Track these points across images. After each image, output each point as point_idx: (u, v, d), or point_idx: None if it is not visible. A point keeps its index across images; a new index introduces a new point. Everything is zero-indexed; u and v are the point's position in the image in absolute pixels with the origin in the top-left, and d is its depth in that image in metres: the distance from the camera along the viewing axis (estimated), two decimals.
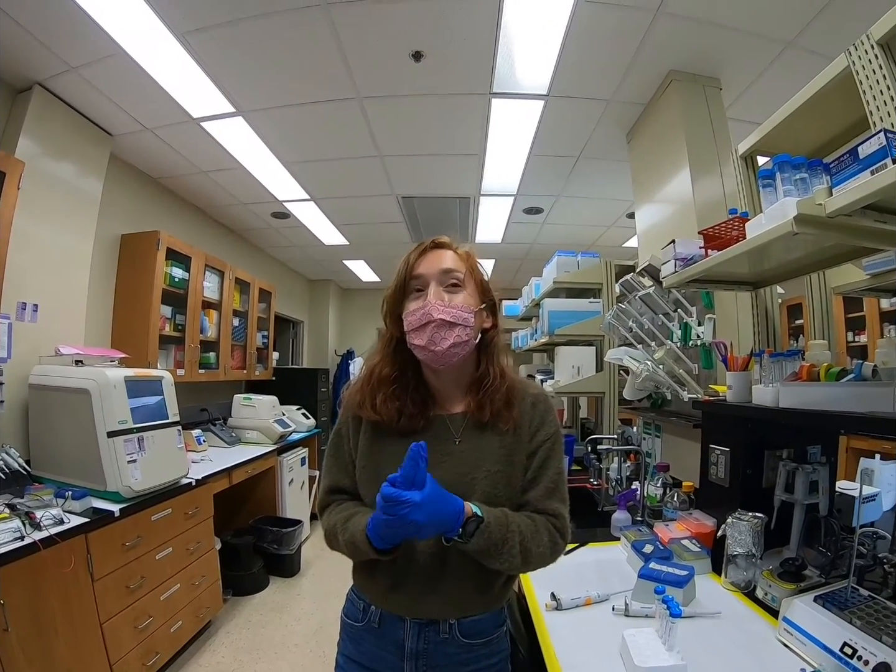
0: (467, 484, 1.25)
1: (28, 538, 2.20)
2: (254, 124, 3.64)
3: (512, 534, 1.18)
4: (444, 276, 1.28)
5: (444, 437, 1.31)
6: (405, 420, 1.29)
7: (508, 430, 1.31)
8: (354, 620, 1.35)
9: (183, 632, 3.26)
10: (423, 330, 1.23)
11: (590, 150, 4.04)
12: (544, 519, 1.28)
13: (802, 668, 1.30)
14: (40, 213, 3.16)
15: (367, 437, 1.34)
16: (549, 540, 1.26)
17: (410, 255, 1.32)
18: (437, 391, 1.37)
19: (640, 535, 2.14)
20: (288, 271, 8.12)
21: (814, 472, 1.82)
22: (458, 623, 1.26)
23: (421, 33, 2.73)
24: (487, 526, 1.15)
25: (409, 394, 1.32)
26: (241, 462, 4.28)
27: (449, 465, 1.27)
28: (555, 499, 1.31)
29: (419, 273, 1.29)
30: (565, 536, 1.31)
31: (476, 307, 1.30)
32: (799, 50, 2.76)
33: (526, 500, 1.31)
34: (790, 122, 1.91)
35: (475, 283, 1.34)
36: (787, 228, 1.31)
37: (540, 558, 1.25)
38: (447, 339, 1.23)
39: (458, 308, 1.25)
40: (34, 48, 2.76)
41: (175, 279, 4.36)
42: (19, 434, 3.05)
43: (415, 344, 1.26)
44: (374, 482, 1.23)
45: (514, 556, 1.18)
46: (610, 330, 2.99)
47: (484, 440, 1.30)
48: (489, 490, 1.25)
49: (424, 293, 1.27)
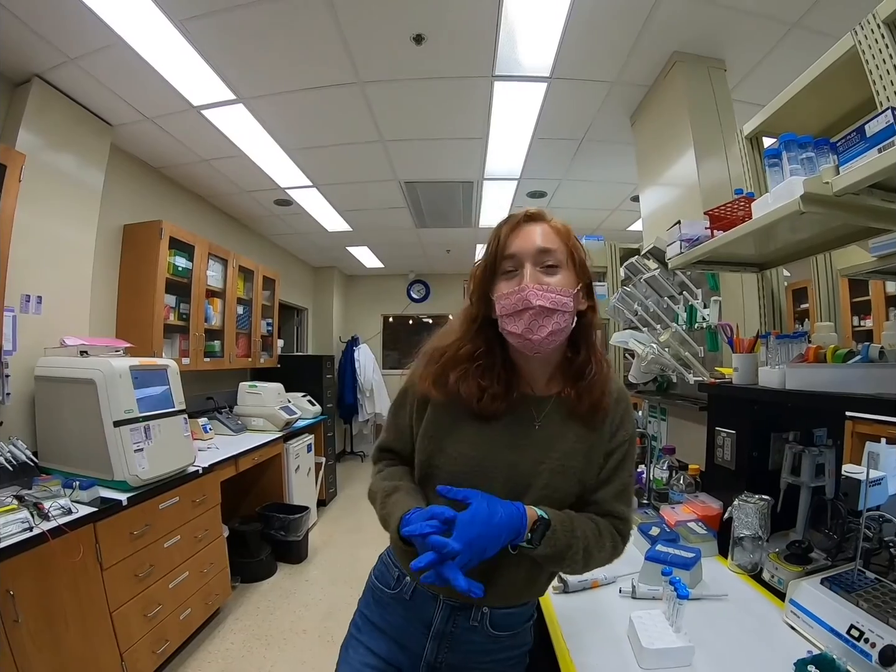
0: (537, 473, 1.21)
1: (37, 529, 2.20)
2: (255, 111, 3.62)
3: (577, 539, 1.15)
4: (541, 255, 1.18)
5: (526, 419, 1.25)
6: (488, 399, 1.21)
7: (594, 423, 1.25)
8: (385, 586, 1.35)
9: (192, 619, 3.29)
10: (518, 316, 1.15)
11: (593, 132, 4.00)
12: (608, 522, 1.24)
13: (809, 650, 1.31)
14: (42, 205, 3.16)
15: (439, 410, 1.27)
16: (611, 545, 1.22)
17: (501, 230, 1.23)
18: (524, 372, 1.29)
19: (646, 518, 2.15)
20: (291, 258, 8.12)
21: (820, 454, 1.82)
22: (491, 613, 1.25)
23: (422, 16, 2.70)
24: (554, 532, 1.12)
25: (497, 372, 1.24)
26: (247, 449, 4.29)
27: (524, 448, 1.22)
28: (623, 501, 1.28)
29: (513, 252, 1.19)
30: (626, 539, 1.28)
31: (574, 289, 1.20)
32: (804, 30, 2.73)
33: (594, 500, 1.26)
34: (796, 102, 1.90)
35: (573, 261, 1.23)
36: (794, 207, 1.30)
37: (599, 562, 1.23)
38: (545, 327, 1.14)
39: (557, 292, 1.15)
40: (32, 40, 2.74)
41: (178, 268, 4.35)
42: (26, 426, 3.07)
43: (509, 331, 1.18)
44: (435, 455, 1.25)
45: (577, 560, 1.16)
46: (615, 313, 2.98)
47: (564, 429, 1.25)
48: (556, 482, 1.21)
49: (518, 274, 1.18)
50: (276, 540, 4.63)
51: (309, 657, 3.34)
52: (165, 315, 4.22)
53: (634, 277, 2.78)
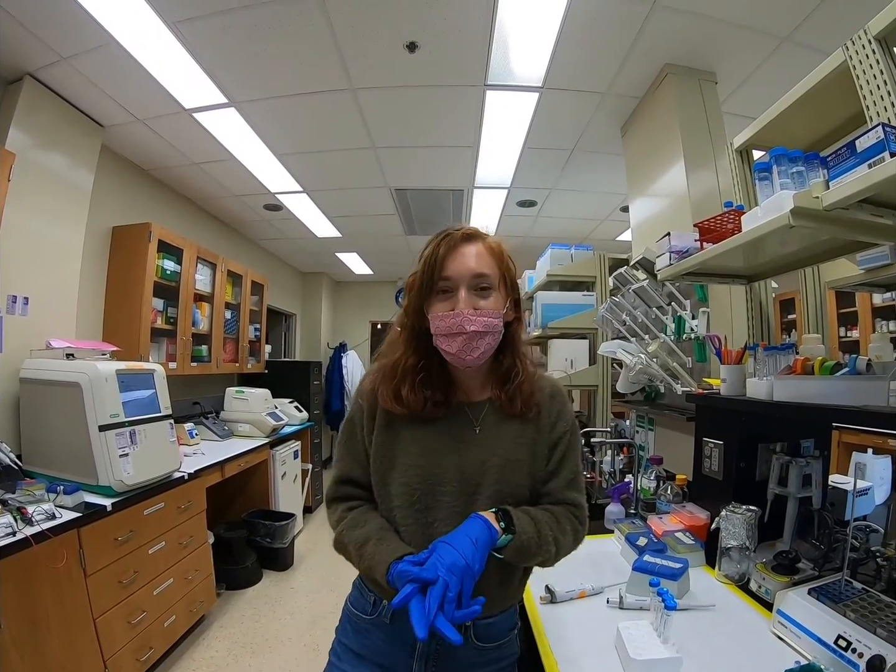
0: (484, 472, 1.25)
1: (20, 534, 2.18)
2: (246, 115, 3.61)
3: (540, 524, 1.21)
4: (476, 279, 1.23)
5: (464, 424, 1.31)
6: (430, 407, 1.28)
7: (530, 419, 1.32)
8: (362, 612, 1.33)
9: (176, 626, 3.26)
10: (453, 339, 1.21)
11: (584, 143, 4.03)
12: (563, 509, 1.31)
13: (797, 660, 1.31)
14: (31, 205, 3.13)
15: (384, 426, 1.31)
16: (571, 529, 1.29)
17: (439, 249, 1.25)
18: (458, 380, 1.35)
19: (633, 528, 2.15)
20: (280, 264, 8.10)
21: (807, 465, 1.84)
22: (474, 625, 1.26)
23: (416, 24, 2.71)
24: (518, 517, 1.18)
25: (435, 382, 1.30)
26: (233, 455, 4.26)
27: (468, 452, 1.27)
28: (574, 489, 1.35)
29: (448, 275, 1.23)
30: (584, 524, 1.34)
31: (504, 307, 1.27)
32: (795, 45, 2.76)
33: (546, 491, 1.32)
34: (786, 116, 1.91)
35: (504, 281, 1.30)
36: (784, 221, 1.31)
37: (566, 548, 1.28)
38: (478, 349, 1.22)
39: (489, 315, 1.22)
40: (24, 38, 2.73)
41: (167, 271, 4.33)
42: (10, 428, 3.04)
43: (444, 349, 1.24)
44: (389, 471, 1.28)
45: (549, 543, 1.21)
46: (603, 323, 2.99)
47: (503, 428, 1.31)
48: (504, 476, 1.26)
49: (453, 296, 1.23)
50: (261, 547, 4.60)
51: (294, 666, 3.32)
52: (153, 318, 4.19)
53: (623, 288, 2.79)
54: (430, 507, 1.24)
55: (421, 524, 1.23)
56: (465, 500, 1.23)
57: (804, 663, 1.26)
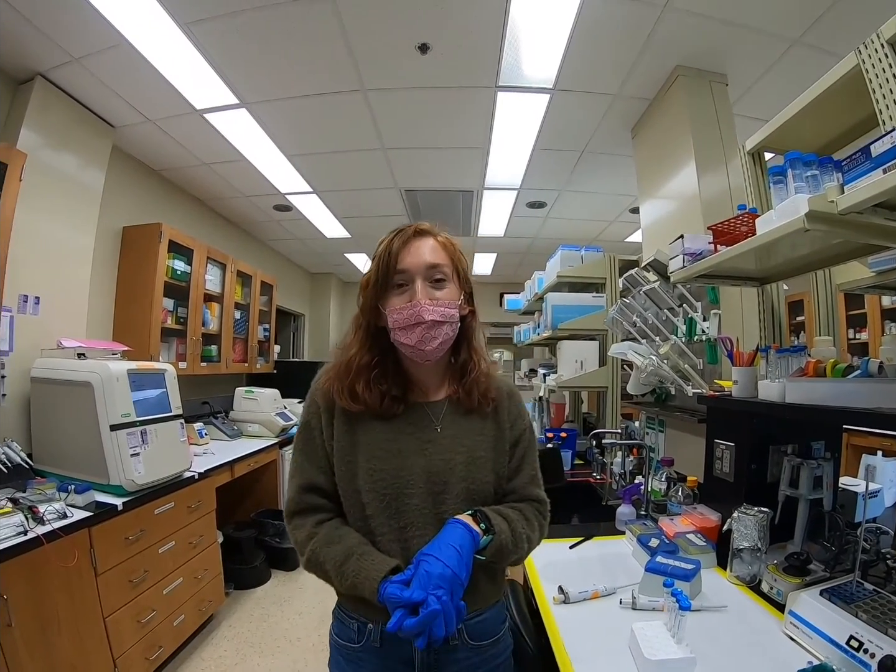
0: (450, 470, 1.26)
1: (31, 532, 2.19)
2: (257, 116, 3.62)
3: (512, 521, 1.25)
4: (430, 271, 1.26)
5: (425, 423, 1.31)
6: (388, 403, 1.28)
7: (489, 416, 1.35)
8: (350, 642, 1.29)
9: (185, 625, 3.27)
10: (411, 330, 1.22)
11: (594, 144, 4.02)
12: (529, 506, 1.35)
13: (809, 660, 1.31)
14: (42, 205, 3.15)
15: (343, 429, 1.29)
16: (538, 525, 1.34)
17: (393, 244, 1.27)
18: (416, 379, 1.36)
19: (645, 530, 2.14)
20: (289, 264, 8.12)
21: (818, 467, 1.83)
22: (466, 626, 1.25)
23: (427, 25, 2.71)
24: (494, 515, 1.22)
25: (391, 378, 1.30)
26: (243, 455, 4.29)
27: (431, 451, 1.27)
28: (536, 485, 1.39)
29: (404, 267, 1.25)
30: (548, 518, 1.40)
31: (459, 299, 1.30)
32: (805, 47, 2.76)
33: (511, 488, 1.35)
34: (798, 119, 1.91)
35: (457, 274, 1.33)
36: (799, 225, 1.30)
37: (535, 542, 1.33)
38: (437, 339, 1.24)
39: (446, 306, 1.25)
40: (36, 39, 2.75)
41: (177, 272, 4.35)
42: (21, 428, 3.05)
43: (402, 342, 1.25)
44: (354, 477, 1.26)
45: (522, 539, 1.25)
46: (613, 324, 2.98)
47: (465, 426, 1.33)
48: (471, 472, 1.27)
49: (409, 289, 1.25)
50: (270, 546, 4.62)
51: (303, 665, 3.32)
52: (163, 318, 4.22)
53: (634, 289, 2.78)
54: (401, 512, 1.23)
55: (395, 530, 1.23)
56: (433, 499, 1.24)
57: (816, 664, 1.26)
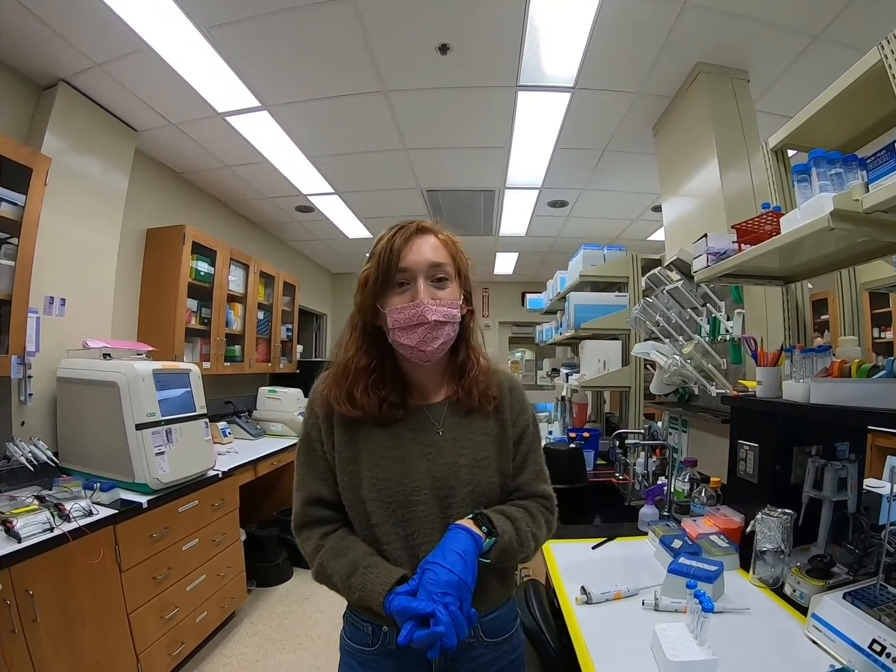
0: (455, 473, 1.24)
1: (57, 530, 2.23)
2: (279, 118, 3.65)
3: (517, 520, 1.23)
4: (433, 269, 1.23)
5: (426, 427, 1.28)
6: (386, 409, 1.25)
7: (490, 414, 1.32)
8: (364, 645, 1.29)
9: (208, 622, 3.30)
10: (412, 330, 1.19)
11: (615, 142, 4.00)
12: (534, 503, 1.32)
13: (831, 664, 1.30)
14: (67, 208, 3.20)
15: (344, 438, 1.27)
16: (545, 521, 1.31)
17: (394, 241, 1.23)
18: (414, 381, 1.33)
19: (668, 531, 2.13)
20: (311, 265, 8.16)
21: (842, 468, 1.81)
22: (480, 623, 1.25)
23: (448, 26, 2.71)
24: (497, 518, 1.20)
25: (389, 383, 1.27)
26: (266, 454, 4.32)
27: (434, 456, 1.25)
28: (541, 481, 1.37)
29: (406, 266, 1.21)
30: (555, 514, 1.37)
31: (460, 299, 1.27)
32: (827, 42, 2.71)
33: (516, 486, 1.33)
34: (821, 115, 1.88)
35: (459, 273, 1.29)
36: (824, 224, 1.29)
37: (542, 539, 1.31)
38: (438, 339, 1.20)
39: (448, 306, 1.21)
40: (58, 45, 2.78)
41: (201, 273, 4.39)
42: (47, 427, 3.10)
43: (401, 343, 1.21)
44: (358, 487, 1.24)
45: (528, 539, 1.23)
46: (636, 324, 2.96)
47: (466, 427, 1.30)
48: (476, 475, 1.25)
49: (411, 287, 1.21)
50: (292, 545, 4.59)
51: (324, 663, 3.34)
52: (187, 319, 4.26)
53: (656, 288, 2.76)
54: (407, 519, 1.21)
55: (402, 538, 1.21)
56: (439, 505, 1.22)
57: (839, 667, 1.25)
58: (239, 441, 4.74)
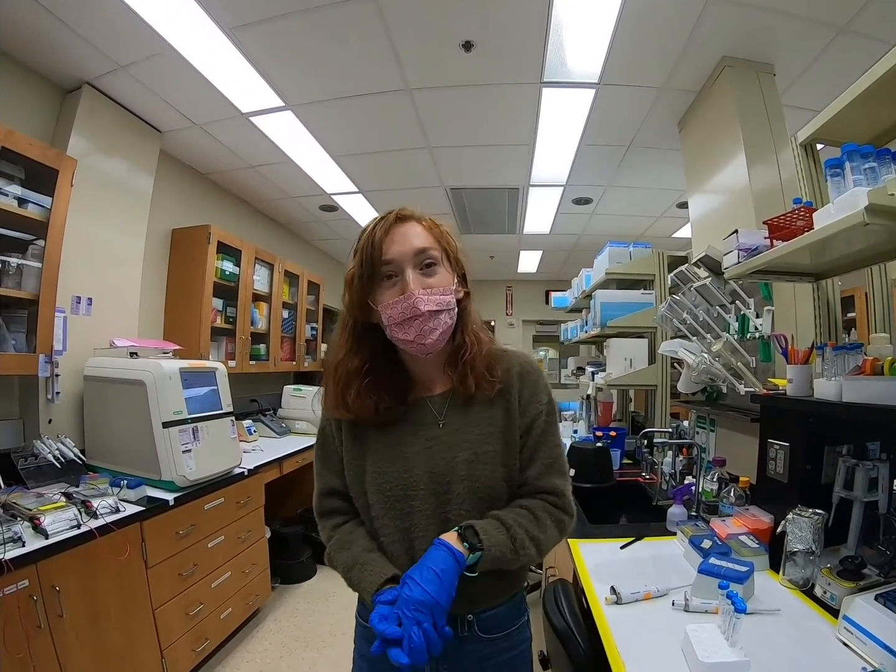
0: (452, 469, 1.21)
1: (84, 526, 2.25)
2: (303, 118, 3.66)
3: (513, 527, 1.15)
4: (419, 256, 1.19)
5: (427, 421, 1.27)
6: (383, 411, 1.23)
7: (496, 404, 1.26)
8: (368, 622, 1.29)
9: (232, 619, 3.33)
10: (408, 324, 1.15)
11: (640, 139, 3.96)
12: (541, 501, 1.24)
13: (863, 666, 1.27)
14: (93, 209, 3.24)
15: (350, 434, 1.29)
16: (552, 522, 1.23)
17: (375, 233, 1.20)
18: (415, 374, 1.31)
19: (697, 531, 2.10)
20: (335, 264, 8.17)
21: (873, 468, 1.76)
22: (477, 619, 1.24)
23: (471, 23, 2.69)
24: (484, 530, 1.13)
25: (384, 383, 1.25)
26: (291, 452, 4.34)
27: (434, 450, 1.23)
28: (553, 475, 1.27)
29: (391, 258, 1.17)
30: (568, 511, 1.27)
31: (453, 283, 1.23)
32: (853, 35, 2.67)
33: (523, 480, 1.26)
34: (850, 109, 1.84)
35: (447, 256, 1.25)
36: (858, 219, 1.26)
37: (550, 542, 1.23)
38: (436, 329, 1.16)
39: (441, 293, 1.17)
40: (82, 48, 2.82)
41: (226, 272, 4.43)
42: (74, 424, 3.14)
43: (399, 338, 1.18)
44: (361, 482, 1.25)
45: (528, 547, 1.16)
46: (663, 322, 2.93)
47: (469, 420, 1.25)
48: (474, 471, 1.20)
49: (399, 280, 1.18)
50: (316, 542, 4.64)
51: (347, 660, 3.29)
52: (213, 318, 4.29)
53: (683, 286, 2.73)
54: (406, 513, 1.21)
55: (400, 531, 1.22)
56: (436, 500, 1.21)
57: (870, 670, 1.23)
58: (264, 439, 4.77)
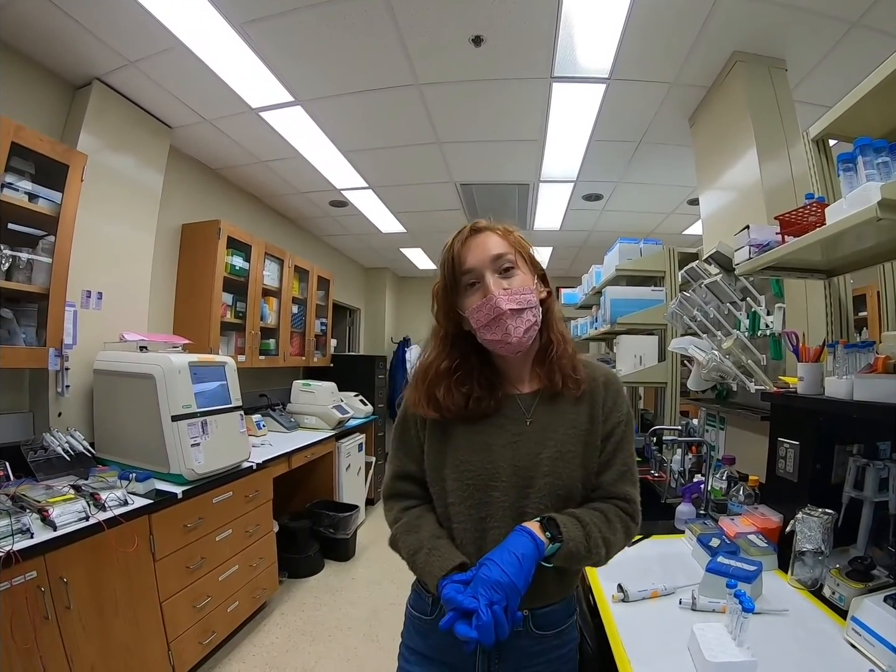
0: (536, 465, 1.25)
1: (93, 519, 2.26)
2: (312, 113, 3.65)
3: (588, 526, 1.19)
4: (496, 261, 1.25)
5: (516, 416, 1.30)
6: (473, 403, 1.28)
7: (580, 403, 1.31)
8: (422, 613, 1.35)
9: (239, 612, 3.35)
10: (494, 324, 1.22)
11: (651, 134, 3.93)
12: (613, 506, 1.28)
13: (871, 668, 1.28)
14: (103, 204, 3.25)
15: (433, 426, 1.34)
16: (622, 527, 1.26)
17: (454, 247, 1.29)
18: (504, 372, 1.36)
19: (705, 529, 2.10)
20: (345, 259, 8.20)
21: (884, 468, 1.76)
22: (532, 615, 1.26)
23: (481, 17, 2.67)
24: (564, 525, 1.17)
25: (475, 377, 1.30)
26: (300, 447, 4.36)
27: (520, 445, 1.27)
28: (626, 482, 1.31)
29: (470, 266, 1.26)
30: (636, 519, 1.31)
31: (533, 284, 1.29)
32: (865, 29, 2.63)
33: (598, 484, 1.30)
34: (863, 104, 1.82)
35: (524, 259, 1.32)
36: (871, 214, 1.25)
37: (617, 546, 1.26)
38: (520, 327, 1.22)
39: (521, 292, 1.24)
40: (92, 44, 2.82)
41: (235, 267, 4.43)
42: (84, 417, 3.16)
43: (488, 339, 1.25)
44: (442, 466, 1.30)
45: (599, 546, 1.20)
46: (673, 319, 2.91)
47: (555, 419, 1.29)
48: (557, 468, 1.24)
49: (481, 286, 1.25)
50: (324, 537, 4.68)
51: (353, 655, 3.36)
52: (222, 313, 4.30)
53: (694, 283, 2.71)
54: (484, 503, 1.24)
55: (474, 520, 1.25)
56: (517, 493, 1.24)
57: None
58: (273, 433, 4.78)
